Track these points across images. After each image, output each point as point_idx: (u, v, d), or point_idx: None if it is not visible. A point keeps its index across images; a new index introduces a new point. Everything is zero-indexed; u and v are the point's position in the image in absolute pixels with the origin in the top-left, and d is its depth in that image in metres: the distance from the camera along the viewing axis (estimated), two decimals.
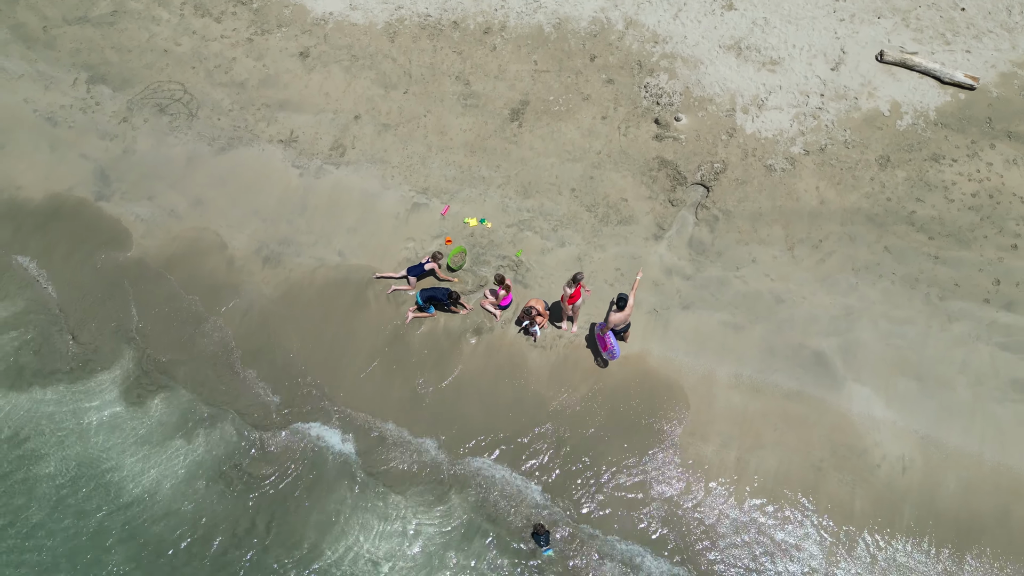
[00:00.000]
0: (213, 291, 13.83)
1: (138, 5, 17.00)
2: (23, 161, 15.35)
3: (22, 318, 13.66)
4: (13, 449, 12.58)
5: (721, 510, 11.76)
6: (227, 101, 15.73)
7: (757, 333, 13.13)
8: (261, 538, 11.67)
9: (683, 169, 14.53)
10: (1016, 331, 12.85)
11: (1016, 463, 11.98)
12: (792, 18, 15.89)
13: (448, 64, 15.86)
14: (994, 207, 13.88)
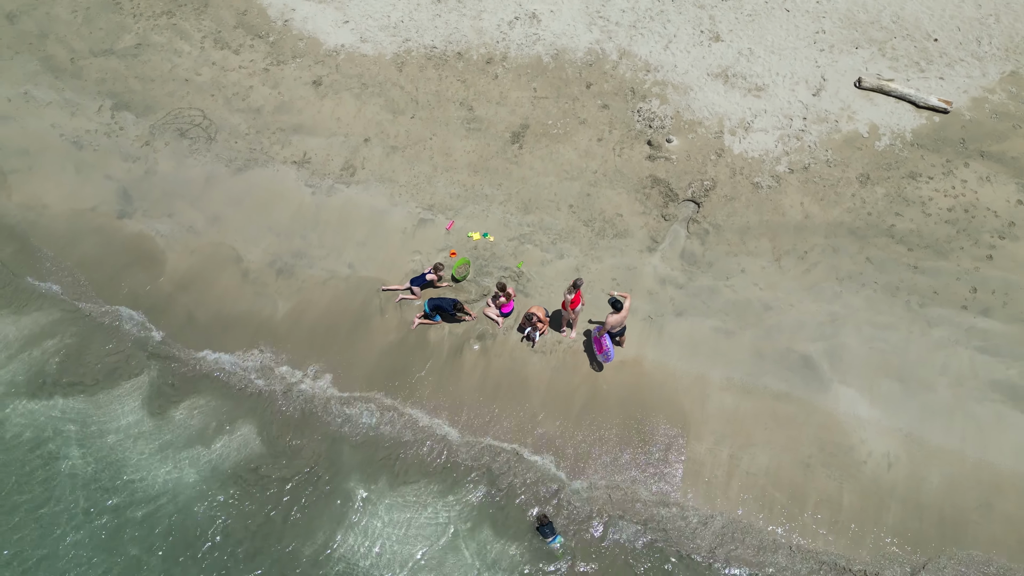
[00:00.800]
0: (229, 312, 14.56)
1: (161, 39, 18.08)
2: (50, 181, 16.20)
3: (53, 329, 14.31)
4: (34, 449, 13.12)
5: (714, 501, 12.28)
6: (244, 126, 16.66)
7: (747, 338, 13.79)
8: (278, 532, 12.16)
9: (675, 186, 15.38)
10: (993, 335, 13.53)
11: (997, 460, 12.52)
12: (775, 48, 16.94)
13: (453, 91, 16.85)
14: (969, 220, 14.68)
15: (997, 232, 14.52)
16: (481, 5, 18.02)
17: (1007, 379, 13.13)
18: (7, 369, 13.92)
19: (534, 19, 17.71)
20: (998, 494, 12.26)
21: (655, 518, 12.15)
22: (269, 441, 13.00)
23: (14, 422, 13.41)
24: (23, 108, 17.27)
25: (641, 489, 12.43)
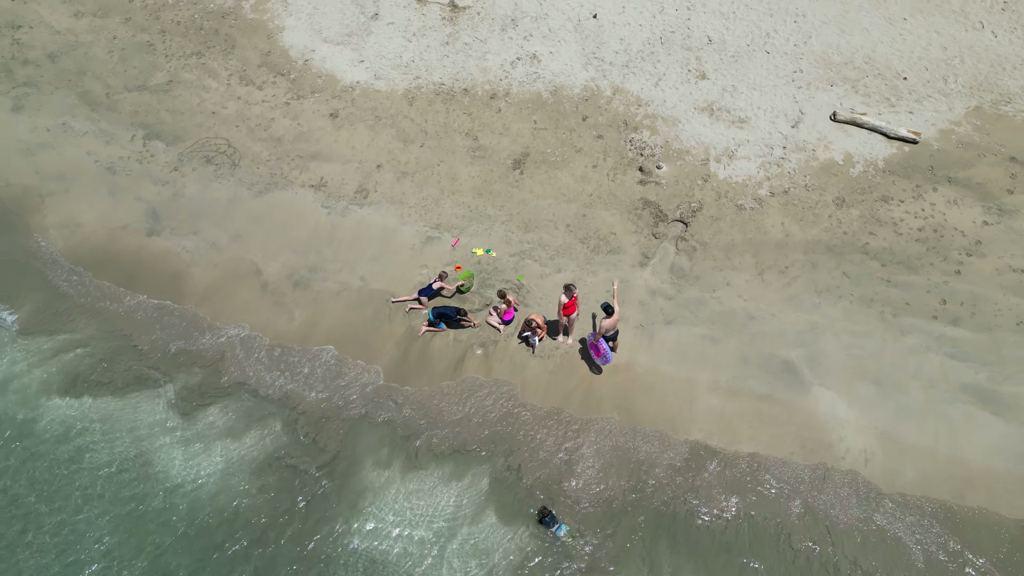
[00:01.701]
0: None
1: (191, 76, 19.60)
2: (84, 202, 17.45)
3: (85, 337, 15.34)
4: (63, 443, 13.99)
5: (702, 490, 13.07)
6: (265, 153, 18.00)
7: (732, 345, 14.75)
8: (301, 517, 12.99)
9: (664, 208, 16.57)
10: (962, 343, 14.47)
11: (967, 456, 13.32)
12: (757, 85, 18.38)
13: (459, 123, 18.24)
14: (938, 239, 15.80)
15: (964, 250, 15.62)
16: (486, 47, 19.58)
17: (976, 382, 14.03)
18: (41, 370, 14.88)
19: (534, 59, 19.23)
20: (969, 488, 13.02)
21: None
22: (294, 434, 13.89)
23: (46, 418, 14.32)
24: (61, 137, 18.67)
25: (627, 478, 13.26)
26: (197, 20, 20.74)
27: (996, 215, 16.04)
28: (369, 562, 12.57)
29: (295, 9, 20.78)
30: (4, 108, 19.32)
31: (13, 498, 13.45)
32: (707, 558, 12.36)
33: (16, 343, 15.30)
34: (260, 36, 20.28)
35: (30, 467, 13.79)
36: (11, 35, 20.80)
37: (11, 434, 14.14)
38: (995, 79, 18.21)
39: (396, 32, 20.00)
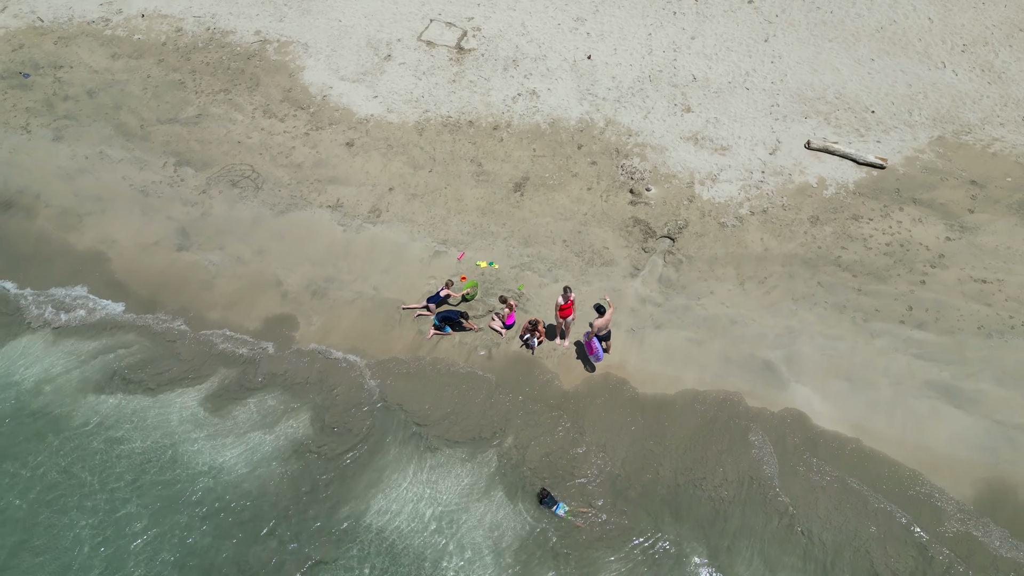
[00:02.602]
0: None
1: (218, 110, 21.34)
2: (119, 221, 18.92)
3: (121, 341, 16.64)
4: (100, 433, 15.14)
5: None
6: (286, 177, 19.57)
7: (716, 347, 16.01)
8: (324, 496, 14.13)
9: (653, 225, 18.03)
10: (927, 345, 15.72)
11: (933, 445, 14.43)
12: (738, 118, 20.06)
13: (465, 151, 19.86)
14: (904, 253, 17.20)
15: (929, 262, 17.00)
16: (489, 84, 21.37)
17: (940, 379, 15.23)
18: (80, 371, 16.13)
19: (534, 95, 20.98)
20: (935, 473, 14.11)
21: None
22: (320, 424, 15.11)
23: (83, 412, 15.50)
24: (98, 164, 20.28)
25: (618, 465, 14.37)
26: (224, 61, 22.62)
27: (958, 231, 17.48)
28: (386, 535, 13.62)
29: (314, 51, 22.67)
30: (46, 138, 20.99)
31: (51, 484, 14.55)
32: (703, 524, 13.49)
33: (58, 345, 16.57)
34: (282, 75, 22.11)
35: (66, 455, 14.92)
36: (53, 74, 22.65)
37: (51, 426, 15.31)
38: (956, 112, 19.90)
39: (407, 71, 21.83)
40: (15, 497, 14.38)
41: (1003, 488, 13.75)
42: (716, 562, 13.25)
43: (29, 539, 13.91)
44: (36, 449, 15.00)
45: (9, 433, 15.26)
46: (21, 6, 24.74)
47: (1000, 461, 14.21)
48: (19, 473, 14.69)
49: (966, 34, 21.57)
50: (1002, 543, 13.09)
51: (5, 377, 16.10)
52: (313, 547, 13.55)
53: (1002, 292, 16.43)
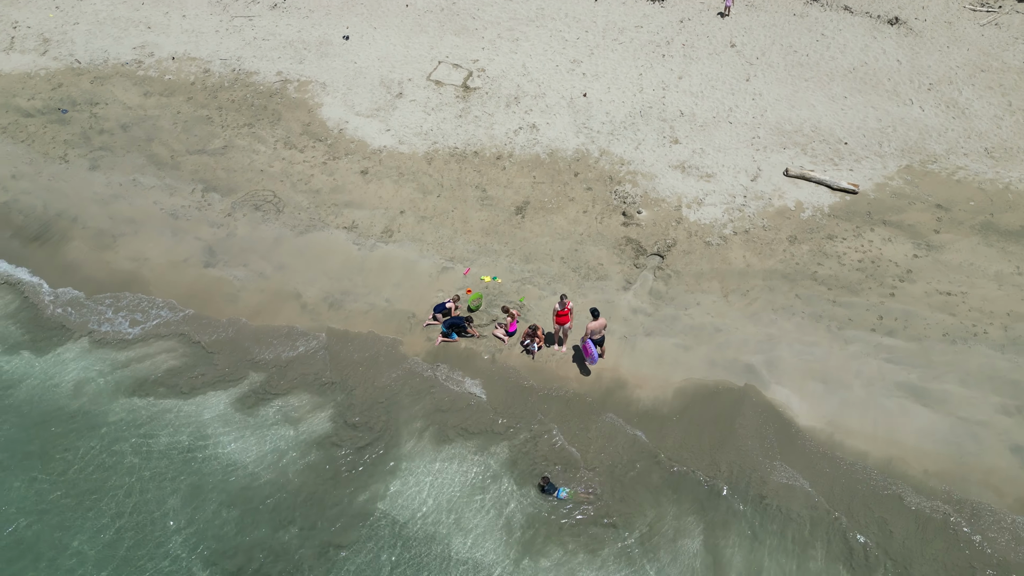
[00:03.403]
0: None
1: (243, 142, 23.12)
2: (151, 241, 20.48)
3: (155, 348, 18.03)
4: (134, 430, 16.41)
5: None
6: (306, 202, 21.20)
7: (702, 352, 17.36)
8: (345, 483, 15.37)
9: (644, 244, 19.56)
10: (896, 350, 17.07)
11: (902, 439, 15.65)
12: (721, 148, 21.79)
13: (470, 178, 21.54)
14: (875, 268, 18.68)
15: (897, 277, 18.46)
16: (493, 119, 23.19)
17: (908, 381, 16.54)
18: (117, 375, 17.45)
19: (534, 128, 22.78)
20: (903, 464, 15.32)
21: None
22: (343, 419, 16.44)
23: (118, 412, 16.78)
24: (132, 190, 21.95)
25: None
26: (249, 98, 24.51)
27: (925, 250, 18.99)
28: (401, 519, 14.84)
29: (332, 90, 24.59)
30: (83, 167, 22.72)
31: (87, 473, 15.77)
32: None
33: (95, 352, 17.95)
34: (302, 111, 23.97)
35: (104, 450, 16.17)
36: (90, 110, 24.52)
37: (90, 423, 16.60)
38: (922, 144, 21.63)
39: (417, 107, 23.69)
40: (61, 483, 15.60)
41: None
42: (709, 539, 14.42)
43: (70, 524, 15.06)
44: (78, 444, 16.27)
45: (57, 428, 16.58)
46: (60, 50, 26.80)
47: (963, 453, 15.44)
48: (66, 459, 15.96)
49: (932, 74, 23.49)
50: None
51: (48, 379, 17.43)
52: (334, 530, 14.71)
53: (965, 303, 17.84)
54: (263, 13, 27.55)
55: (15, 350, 18.20)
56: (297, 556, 14.45)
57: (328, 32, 26.61)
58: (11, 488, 15.64)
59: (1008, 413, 15.97)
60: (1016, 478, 15.07)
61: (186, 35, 26.90)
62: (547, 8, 26.82)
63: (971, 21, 25.11)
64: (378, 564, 14.34)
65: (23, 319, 18.88)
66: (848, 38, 24.74)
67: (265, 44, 26.37)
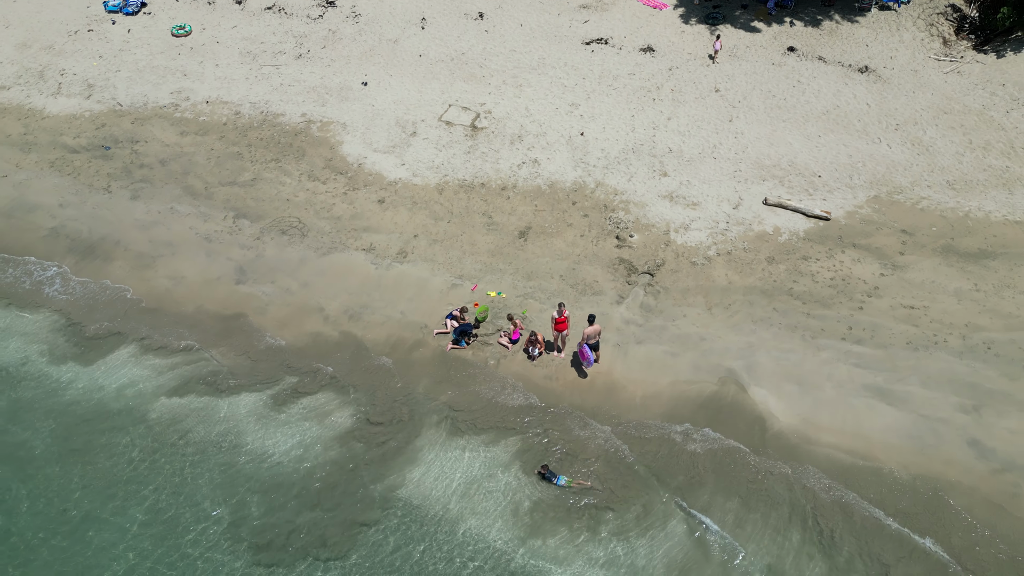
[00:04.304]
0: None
1: (270, 175, 25.35)
2: (187, 262, 22.49)
3: (191, 355, 19.93)
4: (172, 426, 18.14)
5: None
6: (328, 227, 23.28)
7: (688, 358, 19.12)
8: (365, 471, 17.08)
9: (635, 264, 21.51)
10: (864, 356, 18.82)
11: (869, 434, 17.30)
12: (706, 180, 23.93)
13: (477, 206, 23.65)
14: (846, 285, 20.56)
15: (866, 293, 20.32)
16: (498, 155, 25.44)
17: (875, 383, 18.25)
18: (156, 380, 19.25)
19: (536, 163, 25.00)
20: (869, 458, 16.92)
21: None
22: (364, 417, 18.20)
23: (158, 411, 18.54)
24: (169, 217, 24.08)
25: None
26: (276, 137, 26.86)
27: (890, 269, 20.90)
28: (418, 501, 16.46)
29: (351, 129, 26.95)
30: (124, 197, 24.91)
31: (132, 462, 17.47)
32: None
33: (141, 359, 19.81)
34: (324, 148, 26.28)
35: (144, 443, 17.90)
36: (131, 147, 26.86)
37: (133, 421, 18.37)
38: (889, 177, 23.75)
39: (430, 145, 25.99)
40: (107, 472, 17.28)
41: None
42: (691, 523, 15.95)
43: (114, 507, 16.69)
44: (122, 440, 18.04)
45: (107, 423, 18.41)
46: (104, 94, 29.34)
47: (924, 446, 17.05)
48: (116, 443, 17.75)
49: (899, 116, 25.79)
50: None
51: (95, 382, 19.26)
52: (357, 509, 16.32)
53: (927, 316, 19.66)
54: (289, 63, 30.15)
55: (64, 359, 20.02)
56: (324, 533, 16.08)
57: (348, 79, 29.13)
58: (73, 474, 17.36)
59: (966, 411, 17.64)
60: (972, 468, 16.68)
61: (219, 82, 29.45)
62: (548, 58, 29.38)
63: (935, 69, 27.54)
64: (396, 539, 15.91)
65: (70, 332, 20.74)
66: (822, 84, 27.16)
67: (291, 89, 28.87)
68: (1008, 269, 20.70)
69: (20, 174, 26.11)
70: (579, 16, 31.41)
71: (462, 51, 30.12)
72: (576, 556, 15.60)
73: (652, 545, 15.69)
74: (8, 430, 18.30)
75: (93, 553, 15.96)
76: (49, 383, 19.28)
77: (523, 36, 30.62)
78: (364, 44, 30.88)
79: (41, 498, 16.95)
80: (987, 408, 17.64)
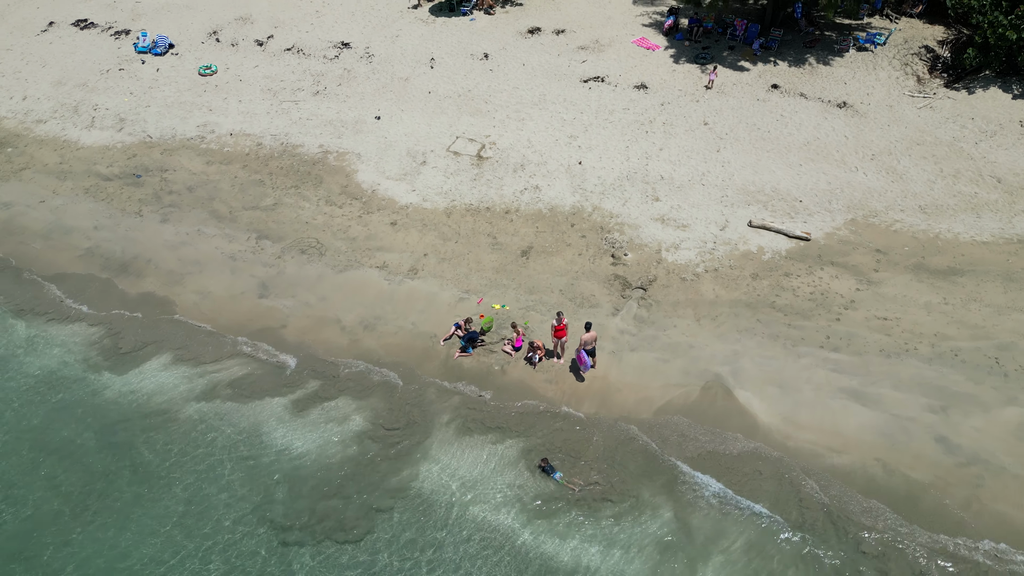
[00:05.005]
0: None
1: (290, 200, 27.26)
2: (214, 279, 24.24)
3: (221, 364, 21.59)
4: (198, 426, 19.68)
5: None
6: (344, 247, 25.08)
7: (678, 364, 20.69)
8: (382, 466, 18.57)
9: (630, 279, 23.22)
10: (841, 362, 20.37)
11: (844, 431, 18.77)
12: (695, 204, 25.79)
13: (483, 228, 25.47)
14: (824, 299, 22.22)
15: (843, 306, 21.96)
16: (502, 182, 27.37)
17: (850, 386, 19.77)
18: (187, 385, 20.84)
19: (537, 189, 26.91)
20: (843, 453, 18.37)
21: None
22: (381, 417, 19.74)
23: (190, 412, 20.11)
24: (196, 238, 25.92)
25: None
26: (295, 166, 28.87)
27: (866, 285, 22.57)
28: (429, 492, 17.88)
29: (366, 159, 28.96)
30: (155, 220, 26.79)
31: (171, 454, 18.99)
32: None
33: (172, 367, 21.43)
34: (340, 175, 28.25)
35: (174, 441, 19.44)
36: (160, 175, 28.86)
37: (167, 422, 19.91)
38: (865, 202, 25.58)
39: (438, 173, 27.95)
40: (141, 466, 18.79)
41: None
42: (678, 510, 17.36)
43: (148, 498, 18.16)
44: (157, 437, 19.62)
45: (147, 420, 20.00)
46: (134, 127, 31.48)
47: (895, 443, 18.50)
48: (154, 439, 19.21)
49: (874, 147, 27.75)
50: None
51: (133, 385, 20.87)
52: (374, 497, 17.77)
53: (899, 326, 21.26)
54: (307, 99, 32.35)
55: (101, 366, 21.63)
56: (344, 516, 17.54)
57: (362, 114, 31.26)
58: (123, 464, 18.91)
59: (934, 411, 19.13)
60: (939, 462, 18.11)
61: (242, 116, 31.61)
62: (548, 94, 31.54)
63: (910, 105, 29.60)
64: (411, 522, 17.36)
65: (107, 342, 22.38)
66: (803, 118, 29.20)
67: (309, 123, 30.99)
68: (975, 285, 22.36)
69: (57, 200, 28.07)
70: (578, 57, 33.71)
71: (468, 88, 32.31)
72: (575, 534, 17.02)
73: (643, 527, 17.10)
74: (56, 427, 19.89)
75: (138, 530, 17.52)
76: (90, 387, 20.88)
77: (525, 75, 32.86)
78: (377, 82, 33.14)
79: (94, 483, 18.59)
80: (954, 409, 19.13)
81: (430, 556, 16.89)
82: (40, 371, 21.53)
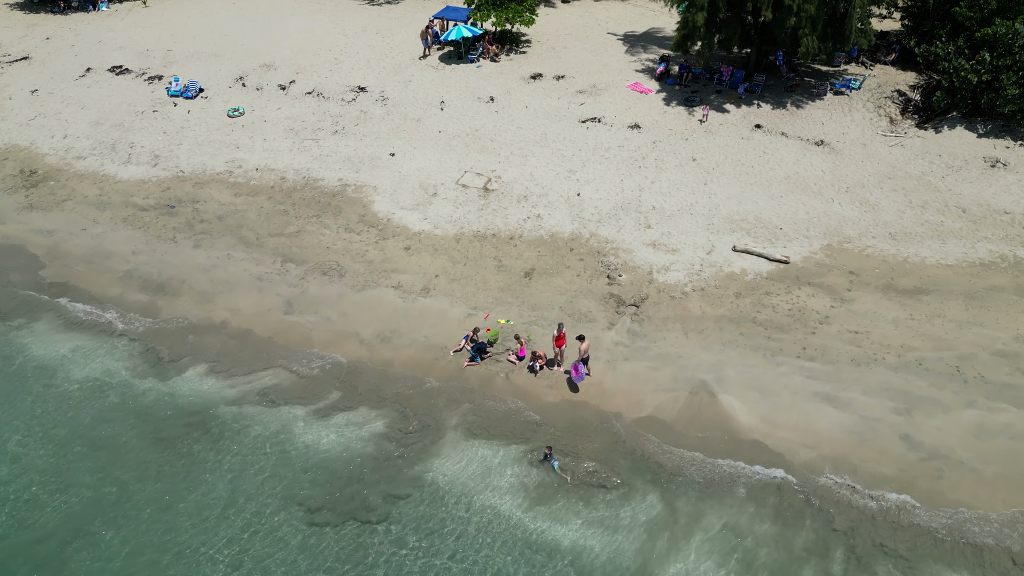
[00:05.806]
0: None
1: (312, 228, 29.66)
2: (242, 297, 26.47)
3: (259, 374, 23.65)
4: (237, 422, 21.72)
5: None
6: (362, 269, 27.36)
7: (667, 372, 22.71)
8: (399, 461, 20.41)
9: (624, 298, 25.40)
10: (815, 370, 22.40)
11: (817, 430, 20.70)
12: (684, 231, 28.11)
13: (489, 252, 27.77)
14: (801, 315, 24.34)
15: (818, 321, 24.07)
16: (507, 211, 29.78)
17: (824, 391, 21.77)
18: (221, 392, 22.90)
19: (539, 218, 29.30)
20: (816, 448, 20.28)
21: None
22: (397, 421, 21.71)
23: (225, 414, 22.14)
24: (226, 262, 28.24)
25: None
26: (316, 197, 31.37)
27: (839, 302, 24.72)
28: (442, 482, 19.80)
29: (381, 191, 31.46)
30: (188, 246, 29.16)
31: (210, 449, 20.97)
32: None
33: (206, 376, 23.53)
34: (358, 206, 30.71)
35: (215, 434, 21.45)
36: (192, 206, 31.36)
37: (202, 419, 21.95)
38: (840, 229, 27.89)
39: (448, 203, 30.41)
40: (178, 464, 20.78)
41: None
42: (667, 496, 19.23)
43: (198, 480, 20.09)
44: (198, 433, 21.68)
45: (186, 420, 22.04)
46: (168, 163, 34.15)
47: (863, 440, 20.40)
48: (193, 435, 21.18)
49: (849, 180, 30.18)
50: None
51: (173, 391, 22.97)
52: (392, 485, 19.69)
53: (869, 339, 23.33)
54: (326, 137, 35.06)
55: (143, 375, 23.74)
56: (365, 500, 19.46)
57: (378, 151, 33.90)
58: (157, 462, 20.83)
59: (899, 413, 21.08)
60: (903, 456, 19.99)
61: (267, 153, 34.27)
62: (549, 134, 34.20)
63: (882, 143, 32.14)
64: (428, 507, 19.27)
65: (147, 354, 24.52)
66: (784, 155, 31.73)
67: (328, 159, 33.62)
68: (939, 302, 24.48)
69: (97, 228, 30.52)
70: (576, 100, 36.52)
71: (476, 128, 35.02)
72: (574, 518, 18.88)
73: (634, 512, 18.95)
74: (105, 427, 21.90)
75: (188, 512, 19.51)
76: (134, 392, 22.94)
77: (528, 116, 35.60)
78: (391, 122, 35.89)
79: (147, 472, 20.59)
80: (917, 410, 21.08)
81: (450, 530, 18.82)
82: (87, 377, 23.62)
